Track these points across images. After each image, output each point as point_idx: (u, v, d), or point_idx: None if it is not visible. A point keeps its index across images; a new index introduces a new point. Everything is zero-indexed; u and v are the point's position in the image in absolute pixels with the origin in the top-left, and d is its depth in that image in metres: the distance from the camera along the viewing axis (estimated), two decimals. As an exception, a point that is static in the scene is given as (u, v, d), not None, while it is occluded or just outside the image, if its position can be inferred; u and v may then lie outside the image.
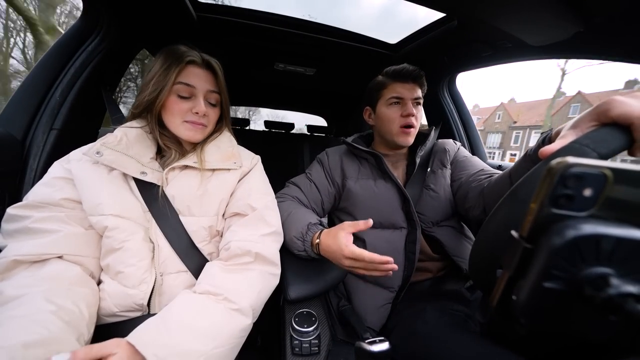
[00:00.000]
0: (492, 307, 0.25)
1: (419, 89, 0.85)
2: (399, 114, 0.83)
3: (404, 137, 0.84)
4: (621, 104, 0.32)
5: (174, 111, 0.63)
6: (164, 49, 0.65)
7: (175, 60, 0.62)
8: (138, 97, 0.64)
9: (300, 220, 0.74)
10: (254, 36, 1.16)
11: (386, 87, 0.86)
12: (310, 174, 0.94)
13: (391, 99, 0.84)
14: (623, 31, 0.66)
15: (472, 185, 0.78)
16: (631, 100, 0.32)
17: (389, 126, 0.86)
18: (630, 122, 0.32)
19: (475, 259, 0.37)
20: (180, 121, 0.64)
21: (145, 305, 0.58)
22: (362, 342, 0.53)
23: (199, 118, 0.65)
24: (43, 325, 0.42)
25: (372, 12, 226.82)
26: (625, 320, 0.17)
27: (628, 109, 0.32)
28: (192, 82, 0.63)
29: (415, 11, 78.34)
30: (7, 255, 0.48)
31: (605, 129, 0.33)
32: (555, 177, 0.19)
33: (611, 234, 0.19)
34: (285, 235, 0.73)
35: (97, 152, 0.56)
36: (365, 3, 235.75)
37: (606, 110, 0.33)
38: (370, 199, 0.85)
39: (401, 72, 0.84)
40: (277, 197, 0.85)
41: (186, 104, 0.64)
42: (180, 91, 0.63)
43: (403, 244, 0.81)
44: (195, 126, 0.65)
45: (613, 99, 0.33)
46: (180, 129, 0.65)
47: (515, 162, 0.60)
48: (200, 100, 0.64)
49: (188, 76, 0.63)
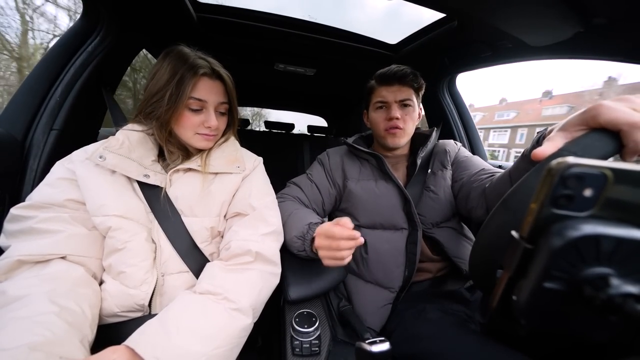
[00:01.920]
0: (492, 307, 0.25)
1: (408, 89, 0.83)
2: (383, 118, 0.85)
3: (391, 138, 0.85)
4: (609, 110, 0.32)
5: (186, 125, 0.63)
6: (170, 53, 0.63)
7: (188, 72, 0.60)
8: (145, 104, 0.62)
9: (301, 220, 0.74)
10: (254, 36, 1.16)
11: (373, 91, 0.88)
12: (311, 175, 0.94)
13: (376, 103, 0.86)
14: (623, 32, 0.66)
15: (473, 186, 0.78)
16: (619, 105, 0.32)
17: (376, 130, 0.88)
18: (618, 128, 0.31)
19: (475, 262, 0.37)
20: (192, 134, 0.65)
21: (147, 306, 0.58)
22: (363, 343, 0.53)
23: (210, 130, 0.66)
24: (46, 327, 0.42)
25: (373, 13, 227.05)
26: (625, 320, 0.17)
27: (615, 115, 0.31)
28: (204, 96, 0.63)
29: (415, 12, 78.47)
30: (11, 255, 0.48)
31: (594, 134, 0.33)
32: (556, 177, 0.19)
33: (611, 234, 0.19)
34: (285, 235, 0.73)
35: (100, 156, 0.56)
36: (366, 3, 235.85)
37: (595, 116, 0.33)
38: (371, 200, 0.85)
39: (385, 75, 0.84)
40: (278, 197, 0.85)
41: (197, 117, 0.63)
42: (191, 105, 0.62)
43: (404, 245, 0.81)
44: (208, 137, 0.66)
45: (601, 105, 0.33)
46: (192, 141, 0.65)
47: (514, 162, 0.60)
48: (212, 113, 0.64)
49: (200, 90, 0.62)
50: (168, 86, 0.59)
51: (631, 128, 0.30)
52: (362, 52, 1.25)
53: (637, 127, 0.30)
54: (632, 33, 0.66)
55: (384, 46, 1.26)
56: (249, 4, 1.12)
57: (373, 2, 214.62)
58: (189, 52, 0.63)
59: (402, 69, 0.83)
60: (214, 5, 1.03)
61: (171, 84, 0.59)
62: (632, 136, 0.31)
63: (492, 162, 1.21)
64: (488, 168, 0.82)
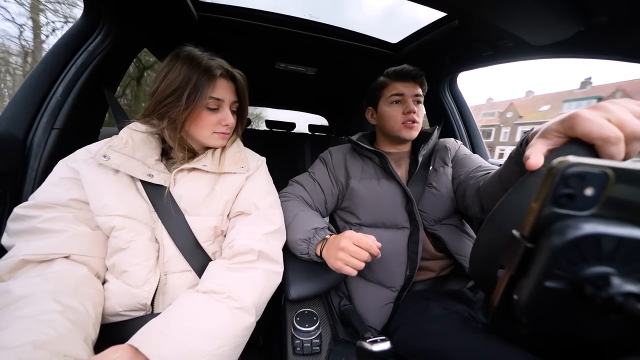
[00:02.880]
0: (493, 307, 0.25)
1: (419, 87, 0.87)
2: (400, 112, 0.85)
3: (407, 130, 0.85)
4: (584, 122, 0.30)
5: (204, 124, 0.65)
6: (180, 54, 0.62)
7: (205, 74, 0.61)
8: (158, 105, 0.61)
9: (306, 223, 0.74)
10: (255, 36, 1.16)
11: (387, 86, 0.88)
12: (314, 174, 0.94)
13: (392, 96, 0.86)
14: (624, 31, 0.66)
15: (469, 183, 0.79)
16: (594, 116, 0.30)
17: (391, 123, 0.87)
18: (592, 142, 0.30)
19: (476, 261, 0.37)
20: (210, 133, 0.66)
21: (149, 305, 0.58)
22: (364, 342, 0.53)
23: (227, 129, 0.68)
24: (50, 325, 0.42)
25: (374, 12, 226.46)
26: (626, 319, 0.17)
27: (589, 129, 0.30)
28: (222, 95, 0.65)
29: (416, 11, 78.16)
30: (16, 255, 0.49)
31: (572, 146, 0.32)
32: (557, 176, 0.19)
33: (612, 234, 0.19)
34: (288, 236, 0.73)
35: (104, 155, 0.56)
36: (367, 3, 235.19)
37: (571, 127, 0.32)
38: (373, 199, 0.85)
39: (401, 72, 0.86)
40: (281, 195, 0.85)
41: (215, 116, 0.65)
42: (210, 104, 0.64)
43: (405, 244, 0.81)
44: (224, 136, 0.69)
45: (577, 115, 0.31)
46: (209, 140, 0.67)
47: (504, 163, 0.60)
48: (228, 111, 0.67)
49: (218, 90, 0.64)
50: (185, 87, 0.59)
51: (604, 143, 0.29)
52: (363, 51, 1.25)
53: (609, 142, 0.29)
54: (633, 32, 0.65)
55: (385, 45, 1.26)
56: (250, 3, 1.11)
57: (374, 1, 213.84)
58: (200, 53, 0.64)
59: (415, 68, 0.86)
60: (215, 4, 1.03)
61: (189, 84, 0.59)
62: (605, 150, 0.29)
63: (494, 161, 1.21)
64: (485, 165, 0.82)
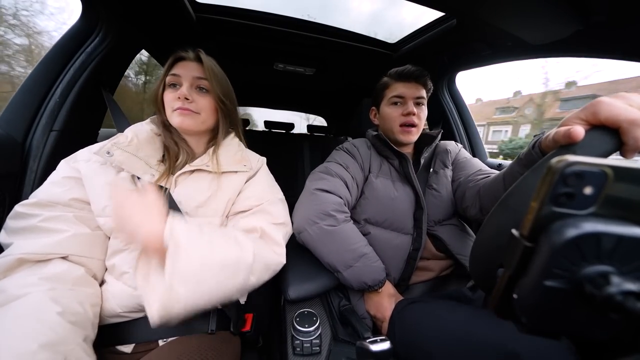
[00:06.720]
0: (493, 306, 0.25)
1: (422, 88, 0.85)
2: (399, 113, 0.84)
3: (405, 135, 0.85)
4: (608, 107, 0.32)
5: (167, 102, 0.66)
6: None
7: (171, 58, 0.67)
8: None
9: (373, 266, 0.75)
10: (253, 36, 1.16)
11: (389, 87, 0.88)
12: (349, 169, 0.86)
13: (393, 98, 0.86)
14: (622, 30, 0.66)
15: (469, 185, 0.79)
16: (618, 102, 0.32)
17: (390, 124, 0.87)
18: (618, 125, 0.31)
19: (475, 260, 0.37)
20: (171, 111, 0.66)
21: None
22: (363, 342, 0.53)
23: (184, 103, 0.64)
24: (50, 326, 0.42)
25: (372, 12, 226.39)
26: (626, 318, 0.17)
27: (616, 112, 0.31)
28: (179, 72, 0.66)
29: (414, 11, 77.93)
30: (13, 253, 0.48)
31: (593, 132, 0.33)
32: (556, 175, 0.19)
33: (612, 232, 0.19)
34: (350, 272, 0.73)
35: (107, 151, 0.57)
36: (365, 3, 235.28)
37: (595, 112, 0.33)
38: (387, 199, 0.84)
39: (403, 72, 0.85)
40: (334, 206, 0.78)
41: (174, 92, 0.65)
42: (169, 81, 0.66)
43: (407, 252, 0.82)
44: (183, 112, 0.64)
45: (600, 101, 0.33)
46: (172, 118, 0.66)
47: (508, 165, 0.60)
48: (184, 85, 0.65)
49: (177, 68, 0.66)
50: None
51: (630, 125, 0.30)
52: (362, 52, 1.25)
53: (636, 124, 0.30)
54: (631, 31, 0.65)
55: (383, 45, 1.26)
56: (248, 3, 1.11)
57: (372, 1, 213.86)
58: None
59: (418, 68, 0.85)
60: (212, 5, 1.03)
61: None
62: (631, 133, 0.31)
63: (491, 161, 1.21)
64: (485, 169, 0.83)
